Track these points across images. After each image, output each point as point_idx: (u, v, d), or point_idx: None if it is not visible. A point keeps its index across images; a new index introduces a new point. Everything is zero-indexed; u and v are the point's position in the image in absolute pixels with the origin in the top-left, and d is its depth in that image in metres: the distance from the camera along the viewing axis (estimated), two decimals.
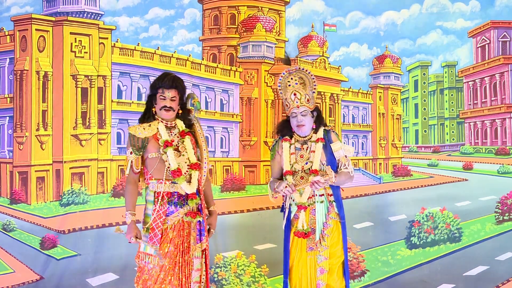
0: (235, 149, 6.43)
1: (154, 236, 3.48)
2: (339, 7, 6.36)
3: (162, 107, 3.55)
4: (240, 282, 5.65)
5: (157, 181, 3.54)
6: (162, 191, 3.52)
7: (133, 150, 3.54)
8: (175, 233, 3.54)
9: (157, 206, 3.52)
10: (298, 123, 3.72)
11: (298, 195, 3.68)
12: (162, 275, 3.49)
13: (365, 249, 5.79)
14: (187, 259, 3.56)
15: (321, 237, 3.63)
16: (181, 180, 3.49)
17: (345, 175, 3.68)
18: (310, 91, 3.73)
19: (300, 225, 3.65)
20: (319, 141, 3.69)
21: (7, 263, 5.70)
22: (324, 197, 3.70)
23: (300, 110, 3.70)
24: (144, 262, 3.50)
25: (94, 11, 6.19)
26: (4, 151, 6.11)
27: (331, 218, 3.67)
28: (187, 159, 3.57)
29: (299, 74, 3.75)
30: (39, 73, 6.02)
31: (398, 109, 6.80)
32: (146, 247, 3.50)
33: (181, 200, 3.57)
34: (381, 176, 6.42)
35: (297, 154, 3.75)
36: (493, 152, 6.32)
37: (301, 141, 3.78)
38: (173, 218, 3.54)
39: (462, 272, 5.68)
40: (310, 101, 3.72)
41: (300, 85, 3.72)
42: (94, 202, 5.96)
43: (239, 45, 6.60)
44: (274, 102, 6.54)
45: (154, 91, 3.58)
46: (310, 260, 3.66)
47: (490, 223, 5.96)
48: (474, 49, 6.41)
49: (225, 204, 6.12)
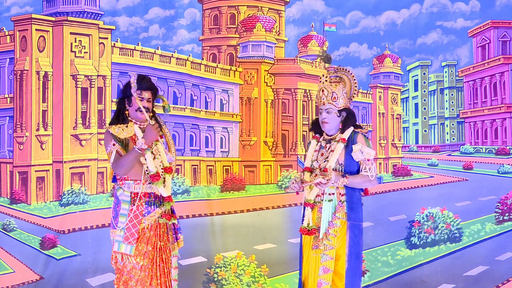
0: (235, 149, 6.42)
1: (131, 236, 3.49)
2: (339, 6, 6.36)
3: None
4: (240, 282, 5.65)
5: (134, 182, 3.55)
6: (140, 192, 3.53)
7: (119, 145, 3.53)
8: (152, 233, 3.56)
9: (133, 206, 3.52)
10: (322, 120, 3.73)
11: (308, 192, 3.68)
12: (143, 275, 3.50)
13: (365, 249, 5.73)
14: (164, 258, 3.58)
15: (324, 236, 3.62)
16: (159, 184, 3.51)
17: (362, 178, 3.64)
18: (343, 90, 3.70)
19: (306, 222, 3.65)
20: (340, 141, 3.68)
21: (7, 263, 5.71)
22: (334, 196, 3.67)
23: (325, 107, 3.71)
24: (122, 263, 3.51)
25: (94, 11, 6.19)
26: (4, 151, 6.12)
27: (338, 218, 3.64)
28: (161, 162, 3.59)
29: (339, 73, 3.74)
30: (39, 73, 6.02)
31: (398, 109, 6.79)
32: (120, 246, 3.51)
33: (157, 200, 3.59)
34: (381, 176, 6.41)
35: (319, 152, 3.76)
36: (493, 152, 6.31)
37: (327, 139, 3.78)
38: (149, 218, 3.56)
39: (462, 272, 5.68)
40: (338, 100, 3.69)
41: (332, 84, 3.71)
42: (94, 202, 5.97)
43: (239, 45, 6.60)
44: (274, 102, 6.54)
45: (129, 93, 3.57)
46: (314, 258, 3.65)
47: (490, 223, 5.95)
48: (474, 49, 6.40)
49: (225, 204, 6.12)
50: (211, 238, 5.92)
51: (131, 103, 3.58)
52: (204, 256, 5.81)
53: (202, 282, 5.68)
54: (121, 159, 3.51)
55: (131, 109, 3.58)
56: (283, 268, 5.59)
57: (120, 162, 3.51)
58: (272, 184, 6.32)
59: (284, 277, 5.55)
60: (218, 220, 6.04)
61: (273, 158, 6.42)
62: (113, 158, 3.53)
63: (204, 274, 5.70)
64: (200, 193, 6.17)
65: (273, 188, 6.31)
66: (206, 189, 6.17)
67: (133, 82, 3.53)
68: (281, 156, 6.41)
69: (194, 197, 6.16)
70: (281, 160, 6.41)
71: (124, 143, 3.55)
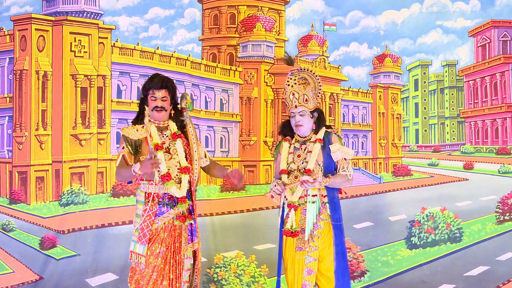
0: (234, 148, 6.42)
1: (143, 236, 3.50)
2: (339, 6, 6.36)
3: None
4: (240, 282, 5.64)
5: (148, 182, 3.55)
6: (153, 192, 3.52)
7: (128, 148, 3.54)
8: (166, 234, 3.55)
9: (147, 206, 3.53)
10: (296, 123, 3.72)
11: (290, 194, 3.66)
12: (155, 275, 3.50)
13: (365, 249, 5.77)
14: (178, 259, 3.58)
15: (310, 238, 3.61)
16: (170, 184, 3.50)
17: (342, 177, 3.65)
18: (311, 91, 3.72)
19: (289, 224, 3.63)
20: (317, 142, 3.68)
21: (7, 263, 5.70)
22: (317, 197, 3.67)
23: (298, 110, 3.70)
24: (136, 262, 3.51)
25: (94, 11, 6.18)
26: (4, 151, 6.11)
27: (322, 220, 3.65)
28: (178, 162, 3.58)
29: (302, 74, 3.74)
30: (38, 72, 6.02)
31: (398, 109, 6.78)
32: (135, 245, 3.52)
33: (171, 201, 3.58)
34: (381, 175, 6.40)
35: (294, 153, 3.75)
36: (494, 152, 6.30)
37: (300, 141, 3.77)
38: (163, 219, 3.55)
39: (463, 272, 5.66)
40: (309, 101, 3.71)
41: (300, 85, 3.71)
42: (94, 202, 5.96)
43: (238, 44, 6.60)
44: (274, 102, 6.53)
45: (145, 92, 3.60)
46: (299, 260, 3.64)
47: (490, 223, 5.94)
48: (475, 48, 6.39)
49: (225, 204, 6.12)
50: (211, 238, 5.91)
51: (147, 103, 3.60)
52: (204, 256, 5.77)
53: (202, 282, 5.66)
54: (119, 170, 3.56)
55: (148, 109, 3.60)
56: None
57: (119, 171, 3.57)
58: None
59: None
60: (218, 220, 6.04)
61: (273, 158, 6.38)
62: (118, 162, 3.57)
63: (204, 274, 5.69)
64: (200, 193, 6.16)
65: None
66: (206, 189, 6.17)
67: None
68: None
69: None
70: None
71: (136, 144, 3.55)
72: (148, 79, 3.62)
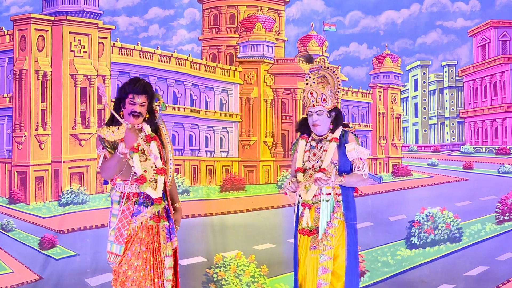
0: (234, 149, 6.42)
1: (120, 236, 3.49)
2: (338, 6, 6.36)
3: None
4: (239, 282, 5.64)
5: (124, 182, 3.54)
6: (128, 192, 3.52)
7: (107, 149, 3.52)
8: (144, 234, 3.54)
9: (123, 206, 3.51)
10: (314, 122, 3.73)
11: (304, 192, 3.67)
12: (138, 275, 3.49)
13: (365, 249, 5.77)
14: (158, 258, 3.57)
15: (324, 236, 3.62)
16: (145, 186, 3.49)
17: (357, 177, 3.66)
18: (330, 90, 3.72)
19: (305, 223, 3.64)
20: (333, 141, 3.68)
21: (6, 263, 5.69)
22: (331, 196, 3.68)
23: (315, 110, 3.71)
24: (117, 263, 3.50)
25: (94, 11, 6.18)
26: (3, 151, 6.11)
27: (336, 218, 3.65)
28: (153, 163, 3.57)
29: (322, 72, 3.75)
30: (38, 72, 6.02)
31: (398, 109, 6.79)
32: (112, 245, 3.51)
33: (147, 200, 3.57)
34: (381, 175, 6.40)
35: (310, 152, 3.76)
36: (494, 152, 6.30)
37: (317, 139, 3.78)
38: (140, 218, 3.54)
39: (462, 272, 5.67)
40: (327, 100, 3.71)
41: (319, 84, 3.72)
42: (93, 202, 5.95)
43: (238, 44, 6.60)
44: (274, 102, 6.53)
45: (123, 95, 3.55)
46: (313, 259, 3.64)
47: (490, 223, 5.94)
48: (474, 49, 6.39)
49: (225, 204, 6.11)
50: (211, 238, 5.91)
51: (125, 105, 3.56)
52: (204, 256, 5.80)
53: (201, 282, 5.67)
54: (104, 164, 3.50)
55: (125, 111, 3.56)
56: (283, 268, 5.57)
57: (104, 166, 3.50)
58: (271, 184, 6.32)
59: (284, 277, 5.53)
60: (217, 220, 6.03)
61: (273, 158, 6.41)
62: (100, 162, 3.52)
63: (204, 274, 5.69)
64: (199, 193, 6.16)
65: (272, 188, 6.30)
66: (205, 189, 6.17)
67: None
68: (280, 156, 6.41)
69: (194, 197, 6.15)
70: (280, 160, 6.40)
71: (114, 145, 3.50)
72: (129, 82, 3.56)
